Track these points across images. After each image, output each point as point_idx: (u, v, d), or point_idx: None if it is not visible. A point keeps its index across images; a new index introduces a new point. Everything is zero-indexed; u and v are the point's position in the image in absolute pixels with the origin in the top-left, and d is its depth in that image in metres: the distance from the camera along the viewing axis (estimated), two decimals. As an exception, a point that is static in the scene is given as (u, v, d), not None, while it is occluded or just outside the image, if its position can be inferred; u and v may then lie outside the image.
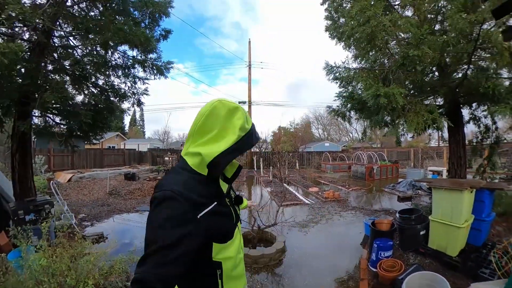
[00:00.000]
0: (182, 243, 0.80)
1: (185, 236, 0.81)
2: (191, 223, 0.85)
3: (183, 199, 0.84)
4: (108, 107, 5.44)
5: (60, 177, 11.76)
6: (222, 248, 1.00)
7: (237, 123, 0.97)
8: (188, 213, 0.85)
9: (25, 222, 4.13)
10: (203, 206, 0.91)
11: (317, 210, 7.16)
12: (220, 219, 0.99)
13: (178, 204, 0.83)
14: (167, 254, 0.76)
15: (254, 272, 3.74)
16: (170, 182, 0.91)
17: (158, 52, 5.44)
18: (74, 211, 6.30)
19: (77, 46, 5.05)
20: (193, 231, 0.84)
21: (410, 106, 4.33)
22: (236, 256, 1.07)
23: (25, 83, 4.01)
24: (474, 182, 3.93)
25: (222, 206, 1.03)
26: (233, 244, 1.06)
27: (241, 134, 0.97)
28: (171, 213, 0.82)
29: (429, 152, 17.03)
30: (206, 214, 0.90)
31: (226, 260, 1.01)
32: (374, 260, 3.72)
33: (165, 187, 0.87)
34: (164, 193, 0.85)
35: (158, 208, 0.84)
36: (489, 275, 3.12)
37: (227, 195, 1.10)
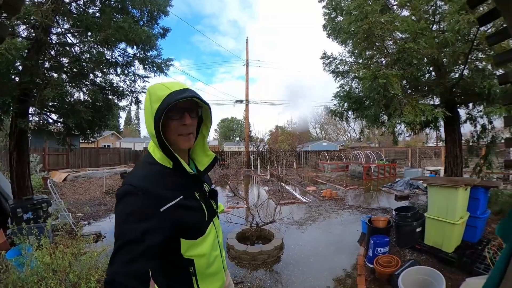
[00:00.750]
0: (145, 238, 0.79)
1: (148, 231, 0.80)
2: (153, 217, 0.83)
3: (142, 193, 0.83)
4: (107, 104, 5.45)
5: (55, 176, 11.66)
6: (193, 245, 0.97)
7: (155, 97, 0.89)
8: (148, 208, 0.83)
9: (23, 220, 4.13)
10: (167, 199, 0.89)
11: (314, 209, 7.21)
12: (186, 213, 0.94)
13: (137, 199, 0.82)
14: (132, 250, 0.76)
15: (253, 269, 3.77)
16: (132, 177, 0.90)
17: (158, 50, 5.46)
18: (71, 211, 6.25)
19: (75, 44, 5.04)
20: (155, 226, 0.83)
21: (407, 100, 4.37)
22: (210, 254, 1.03)
23: (24, 81, 4.02)
24: (468, 180, 4.00)
25: (190, 200, 0.98)
26: (206, 241, 1.02)
27: (156, 105, 0.87)
28: (131, 209, 0.82)
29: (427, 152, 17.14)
30: (170, 207, 0.88)
31: (198, 258, 0.98)
32: (371, 256, 3.76)
33: (127, 182, 0.87)
34: (124, 189, 0.84)
35: (119, 204, 0.84)
36: (483, 270, 3.17)
37: (198, 189, 1.06)
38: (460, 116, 5.85)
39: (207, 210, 1.05)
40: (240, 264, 3.88)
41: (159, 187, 0.89)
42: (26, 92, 4.25)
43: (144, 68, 5.56)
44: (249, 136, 23.04)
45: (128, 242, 0.77)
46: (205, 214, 1.03)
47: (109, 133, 35.84)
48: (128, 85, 5.80)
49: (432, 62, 5.15)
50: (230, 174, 13.08)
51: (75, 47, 5.10)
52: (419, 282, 2.89)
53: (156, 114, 0.86)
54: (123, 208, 0.83)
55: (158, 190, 0.88)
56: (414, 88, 5.21)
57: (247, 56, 22.14)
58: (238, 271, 3.70)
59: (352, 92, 6.00)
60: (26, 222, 4.02)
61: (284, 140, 29.22)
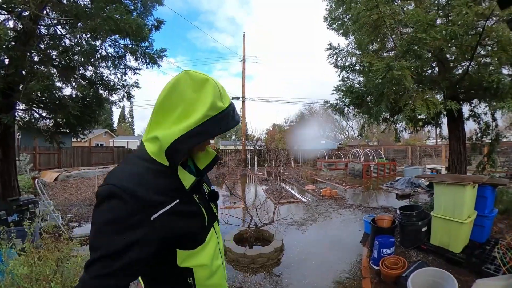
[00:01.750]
0: (130, 251, 0.66)
1: (134, 243, 0.67)
2: (142, 227, 0.69)
3: (130, 197, 0.68)
4: (97, 99, 5.22)
5: (46, 176, 11.41)
6: (191, 255, 0.83)
7: (208, 99, 0.75)
8: (136, 215, 0.68)
9: (8, 223, 3.88)
10: (160, 204, 0.74)
11: (314, 208, 7.06)
12: (183, 220, 0.80)
13: (123, 204, 0.67)
14: (111, 264, 0.64)
15: (252, 272, 3.61)
16: (119, 175, 0.74)
17: (150, 41, 5.23)
18: (61, 211, 6.04)
19: (64, 35, 4.81)
20: (143, 238, 0.69)
21: (417, 94, 4.22)
22: (212, 264, 0.90)
23: (9, 73, 3.82)
24: (476, 177, 3.87)
25: (188, 204, 0.83)
26: (206, 250, 0.88)
27: (211, 113, 0.75)
28: (114, 215, 0.67)
29: (427, 150, 17.07)
30: (163, 214, 0.73)
31: (198, 268, 0.85)
32: (375, 257, 3.62)
33: (111, 181, 0.71)
34: (108, 189, 0.69)
35: (100, 207, 0.69)
36: (494, 271, 3.06)
37: (197, 190, 0.90)
38: (464, 113, 5.73)
39: (207, 215, 0.90)
40: (239, 267, 3.71)
41: (151, 189, 0.73)
42: (10, 85, 4.04)
43: (135, 60, 5.31)
44: (246, 134, 22.86)
45: (103, 256, 0.64)
46: (205, 219, 0.89)
47: (102, 131, 35.33)
48: (119, 79, 5.58)
49: (436, 57, 5.01)
50: (227, 173, 12.88)
51: (65, 39, 4.86)
52: (429, 284, 2.75)
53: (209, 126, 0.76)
54: (104, 214, 0.68)
55: (150, 194, 0.72)
56: (419, 83, 5.06)
57: (244, 51, 21.89)
58: (236, 275, 3.54)
59: (354, 87, 5.83)
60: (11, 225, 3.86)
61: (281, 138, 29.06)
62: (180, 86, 0.77)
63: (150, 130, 0.79)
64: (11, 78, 3.90)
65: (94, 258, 0.65)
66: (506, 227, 4.33)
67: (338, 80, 6.22)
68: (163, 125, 0.77)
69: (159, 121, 0.78)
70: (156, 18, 5.59)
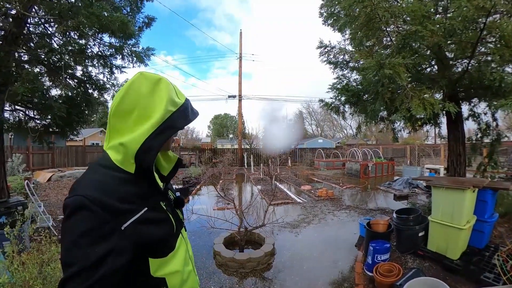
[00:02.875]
0: (104, 263, 0.64)
1: (107, 254, 0.65)
2: (112, 237, 0.67)
3: (98, 207, 0.66)
4: (86, 99, 5.07)
5: (40, 176, 11.27)
6: (163, 263, 0.82)
7: (164, 97, 0.79)
8: (107, 225, 0.67)
9: None
10: (129, 213, 0.72)
11: (309, 210, 6.90)
12: (153, 227, 0.79)
13: (92, 215, 0.65)
14: (85, 279, 0.61)
15: (241, 277, 3.46)
16: (85, 185, 0.72)
17: (136, 38, 5.06)
18: (53, 213, 5.86)
19: (53, 34, 4.68)
20: (116, 247, 0.67)
21: (413, 93, 4.04)
22: (184, 270, 0.90)
23: None
24: (476, 181, 3.70)
25: (156, 211, 0.83)
26: (177, 256, 0.88)
27: (172, 109, 0.79)
28: (84, 227, 0.65)
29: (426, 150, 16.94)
30: (133, 223, 0.72)
31: (170, 276, 0.84)
32: (370, 263, 3.47)
33: (78, 191, 0.69)
34: (75, 200, 0.67)
35: (70, 220, 0.66)
36: (493, 280, 2.89)
37: (163, 197, 0.89)
38: (463, 113, 5.56)
39: (175, 221, 0.91)
40: (227, 272, 3.56)
41: (117, 198, 0.71)
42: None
43: (122, 59, 5.16)
44: (242, 133, 22.70)
45: (81, 270, 0.62)
46: (173, 226, 0.89)
47: (97, 130, 34.70)
48: (108, 78, 5.44)
49: (435, 54, 4.84)
50: (223, 173, 12.73)
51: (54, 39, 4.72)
52: (424, 295, 2.59)
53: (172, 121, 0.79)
54: (74, 226, 0.66)
55: (118, 203, 0.71)
56: (417, 81, 4.89)
57: (241, 49, 21.77)
58: (225, 280, 3.39)
59: (350, 85, 5.65)
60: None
61: (279, 137, 28.86)
62: (135, 87, 0.78)
63: (111, 138, 0.79)
64: None
65: (72, 274, 0.62)
66: (507, 231, 4.18)
67: (333, 78, 6.06)
68: (124, 130, 0.77)
69: (118, 127, 0.78)
70: (147, 15, 5.44)
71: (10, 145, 11.26)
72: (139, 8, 5.28)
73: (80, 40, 4.65)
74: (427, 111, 3.87)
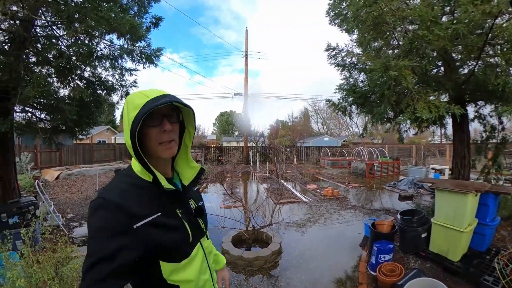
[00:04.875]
0: (117, 256, 0.74)
1: (120, 248, 0.75)
2: (126, 234, 0.77)
3: (115, 208, 0.78)
4: (95, 100, 5.14)
5: (48, 174, 11.28)
6: (177, 269, 0.89)
7: (130, 109, 0.84)
8: (121, 224, 0.77)
9: (9, 226, 3.96)
10: (143, 216, 0.82)
11: (315, 209, 7.02)
12: (164, 232, 0.86)
13: (110, 214, 0.77)
14: (103, 268, 0.71)
15: (249, 274, 3.61)
16: (107, 190, 0.85)
17: (146, 40, 5.14)
18: (62, 211, 6.03)
19: (61, 36, 4.73)
20: (128, 243, 0.77)
21: (419, 96, 4.11)
22: (199, 279, 0.95)
23: (3, 79, 3.74)
24: (479, 185, 3.77)
25: (170, 217, 0.90)
26: (192, 265, 0.94)
27: (133, 113, 0.82)
28: (102, 224, 0.77)
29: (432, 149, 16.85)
30: (145, 225, 0.81)
31: (185, 284, 0.91)
32: (373, 263, 3.59)
33: (102, 195, 0.81)
34: (97, 202, 0.79)
35: (92, 218, 0.79)
36: (492, 283, 2.95)
37: (181, 205, 0.96)
38: (468, 115, 5.59)
39: (192, 230, 0.95)
40: (236, 269, 3.72)
41: (134, 202, 0.82)
42: (7, 89, 3.97)
43: (132, 60, 5.22)
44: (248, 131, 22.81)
45: (99, 260, 0.72)
46: (188, 234, 0.93)
47: (104, 128, 34.90)
48: (117, 79, 5.48)
49: (442, 56, 4.88)
50: (229, 171, 12.88)
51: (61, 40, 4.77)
52: (424, 295, 2.71)
53: (133, 123, 0.80)
54: (94, 223, 0.78)
55: (132, 206, 0.80)
56: (424, 83, 4.94)
57: (247, 47, 21.80)
58: (233, 278, 3.55)
59: (357, 86, 5.72)
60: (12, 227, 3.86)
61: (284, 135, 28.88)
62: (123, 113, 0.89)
63: None
64: (6, 83, 3.83)
65: (92, 262, 0.71)
66: (510, 235, 4.24)
67: (340, 79, 6.13)
68: None
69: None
70: (154, 15, 5.48)
71: (18, 144, 11.28)
72: (147, 9, 5.35)
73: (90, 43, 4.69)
74: (432, 114, 3.93)
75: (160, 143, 0.88)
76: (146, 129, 0.85)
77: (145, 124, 0.84)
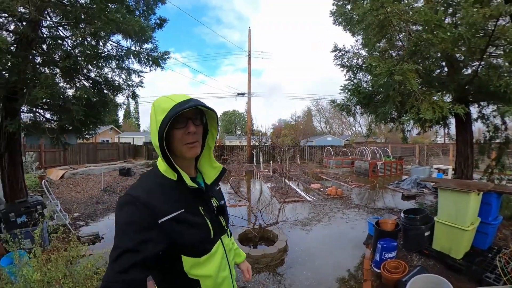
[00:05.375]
0: (142, 249, 0.79)
1: (145, 241, 0.80)
2: (151, 228, 0.83)
3: (142, 204, 0.84)
4: (102, 100, 5.21)
5: (52, 174, 11.40)
6: (197, 264, 0.94)
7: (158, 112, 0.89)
8: (146, 219, 0.83)
9: (17, 225, 4.03)
10: (167, 212, 0.88)
11: (319, 208, 7.11)
12: (187, 228, 0.91)
13: (136, 210, 0.83)
14: (128, 260, 0.76)
15: (256, 272, 3.70)
16: (135, 187, 0.92)
17: (153, 42, 5.22)
18: (68, 210, 6.09)
19: (67, 37, 4.78)
20: (153, 237, 0.83)
21: (424, 97, 4.19)
22: (218, 275, 0.99)
23: (11, 80, 3.80)
24: (481, 185, 3.84)
25: (193, 215, 0.95)
26: (212, 261, 0.98)
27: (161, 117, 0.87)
28: (129, 219, 0.83)
29: (435, 149, 16.82)
30: (169, 220, 0.87)
31: (204, 279, 0.95)
32: (377, 260, 3.67)
33: (129, 192, 0.88)
34: (124, 198, 0.86)
35: (119, 213, 0.85)
36: (494, 280, 3.04)
37: (203, 203, 1.02)
38: (472, 115, 5.64)
39: (213, 227, 1.00)
40: (243, 266, 3.80)
41: (159, 199, 0.88)
42: (15, 90, 4.03)
43: (139, 62, 5.31)
44: (251, 130, 22.89)
45: (124, 252, 0.77)
46: (209, 231, 0.99)
47: (107, 128, 34.94)
48: (124, 79, 5.57)
49: (445, 57, 4.94)
50: (232, 170, 12.98)
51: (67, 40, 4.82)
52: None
53: (161, 126, 0.86)
54: (122, 218, 0.84)
55: (158, 202, 0.87)
56: (427, 84, 5.01)
57: (249, 47, 21.83)
58: (240, 275, 3.61)
59: (362, 86, 5.79)
60: (20, 226, 3.93)
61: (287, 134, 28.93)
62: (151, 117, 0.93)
63: None
64: (14, 84, 3.89)
65: (115, 256, 0.77)
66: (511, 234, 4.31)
67: (345, 80, 6.19)
68: None
69: None
70: (159, 17, 5.57)
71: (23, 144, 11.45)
72: (154, 11, 5.43)
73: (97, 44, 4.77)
74: (436, 114, 4.00)
75: (185, 144, 0.93)
76: (172, 131, 0.91)
77: (171, 126, 0.89)
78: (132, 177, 12.17)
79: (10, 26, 4.31)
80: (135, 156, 22.36)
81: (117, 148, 20.92)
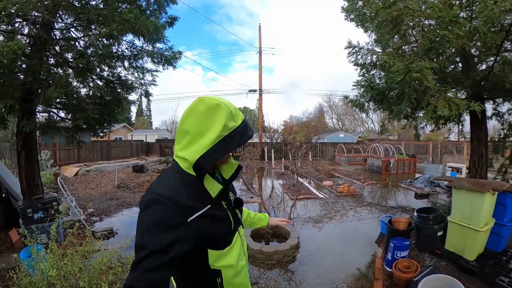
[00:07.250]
0: (172, 248, 0.78)
1: (175, 241, 0.79)
2: (180, 227, 0.83)
3: (170, 202, 0.82)
4: (115, 99, 5.30)
5: (67, 171, 11.70)
6: (221, 256, 0.98)
7: (219, 121, 0.90)
8: (176, 217, 0.83)
9: (34, 220, 4.19)
10: (195, 209, 0.89)
11: (331, 205, 7.12)
12: (213, 223, 0.94)
13: (165, 208, 0.82)
14: (155, 260, 0.75)
15: (268, 268, 3.78)
16: (159, 185, 0.89)
17: (166, 42, 5.30)
18: (82, 206, 6.27)
19: (79, 38, 4.88)
20: (182, 236, 0.82)
21: (439, 94, 4.14)
22: (237, 264, 1.04)
23: (27, 81, 3.91)
24: (496, 184, 3.78)
25: (217, 209, 0.99)
26: (233, 251, 1.03)
27: (224, 133, 0.90)
28: (158, 218, 0.80)
29: (449, 147, 16.42)
30: (197, 217, 0.88)
31: (226, 269, 0.99)
32: (389, 259, 3.69)
33: (153, 190, 0.86)
34: (151, 197, 0.84)
35: (146, 212, 0.82)
36: (508, 284, 2.99)
37: (224, 197, 1.07)
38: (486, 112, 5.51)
39: (233, 219, 1.05)
40: (255, 263, 3.90)
41: (186, 196, 0.88)
42: (30, 91, 4.14)
43: (152, 62, 5.39)
44: (262, 127, 22.91)
45: (152, 252, 0.76)
46: (231, 224, 1.04)
47: (120, 126, 35.85)
48: (137, 78, 5.65)
49: (460, 53, 4.84)
50: (244, 167, 13.08)
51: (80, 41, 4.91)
52: (439, 291, 2.81)
53: (218, 149, 0.90)
54: (149, 217, 0.81)
55: (186, 200, 0.87)
56: (442, 81, 4.93)
57: (260, 43, 21.77)
58: (252, 271, 3.71)
59: (375, 82, 5.73)
60: (37, 222, 4.10)
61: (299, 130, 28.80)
62: (194, 110, 0.93)
63: (177, 150, 0.96)
64: (30, 85, 3.99)
65: (142, 256, 0.75)
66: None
67: (358, 75, 6.13)
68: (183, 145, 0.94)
69: (181, 142, 0.95)
70: (170, 15, 5.62)
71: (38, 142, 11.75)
72: (165, 10, 5.48)
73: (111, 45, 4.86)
74: (452, 111, 3.95)
75: None
76: None
77: None
78: (145, 174, 12.41)
79: (24, 30, 4.46)
80: (147, 153, 22.76)
81: (130, 145, 21.33)
